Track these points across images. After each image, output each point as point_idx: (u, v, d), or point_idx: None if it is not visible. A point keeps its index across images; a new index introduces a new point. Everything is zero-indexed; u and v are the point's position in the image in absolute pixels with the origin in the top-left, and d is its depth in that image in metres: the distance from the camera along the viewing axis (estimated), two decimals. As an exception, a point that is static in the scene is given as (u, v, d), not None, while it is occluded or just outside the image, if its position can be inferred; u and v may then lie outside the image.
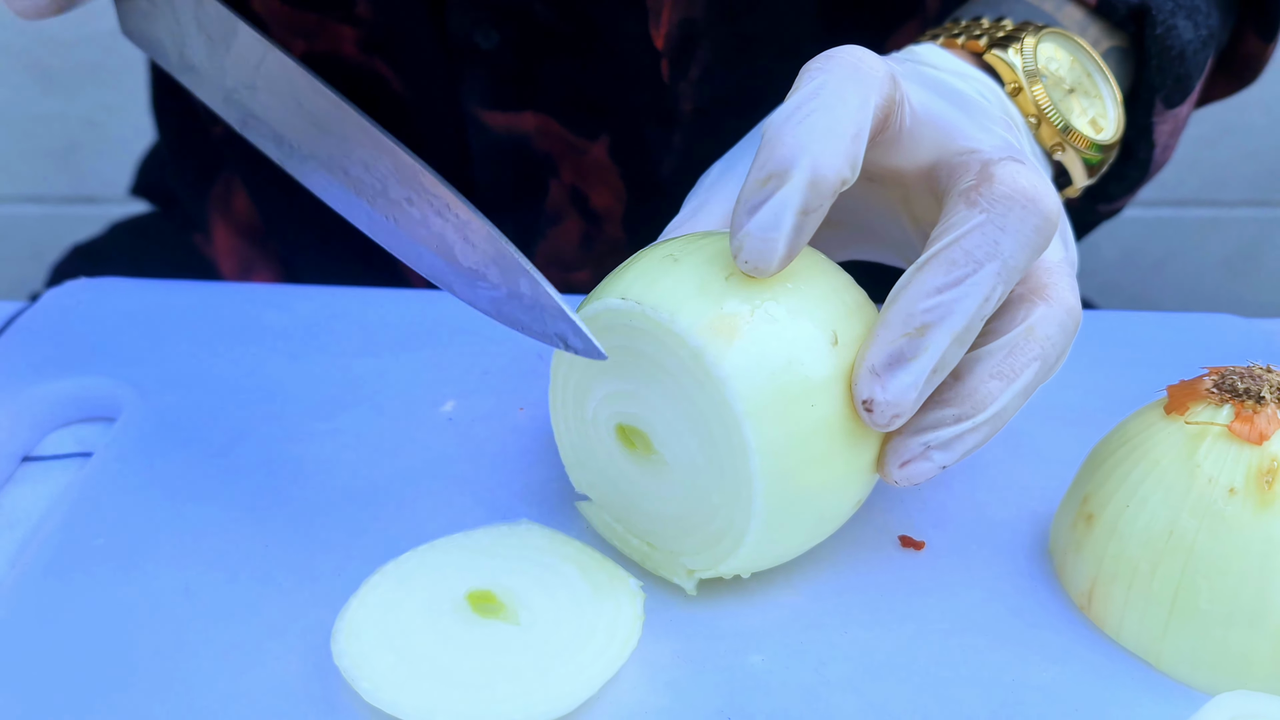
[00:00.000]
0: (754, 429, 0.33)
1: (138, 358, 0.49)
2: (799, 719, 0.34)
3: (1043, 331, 0.36)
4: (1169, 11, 0.51)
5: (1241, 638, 0.35)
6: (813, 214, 0.34)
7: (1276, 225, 1.44)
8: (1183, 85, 0.53)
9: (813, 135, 0.34)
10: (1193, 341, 0.54)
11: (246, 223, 0.73)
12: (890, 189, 0.41)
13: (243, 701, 0.34)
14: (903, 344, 0.34)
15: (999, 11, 0.51)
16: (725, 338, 0.33)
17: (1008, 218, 0.35)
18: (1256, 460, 0.35)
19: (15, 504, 0.43)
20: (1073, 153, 0.47)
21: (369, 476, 0.43)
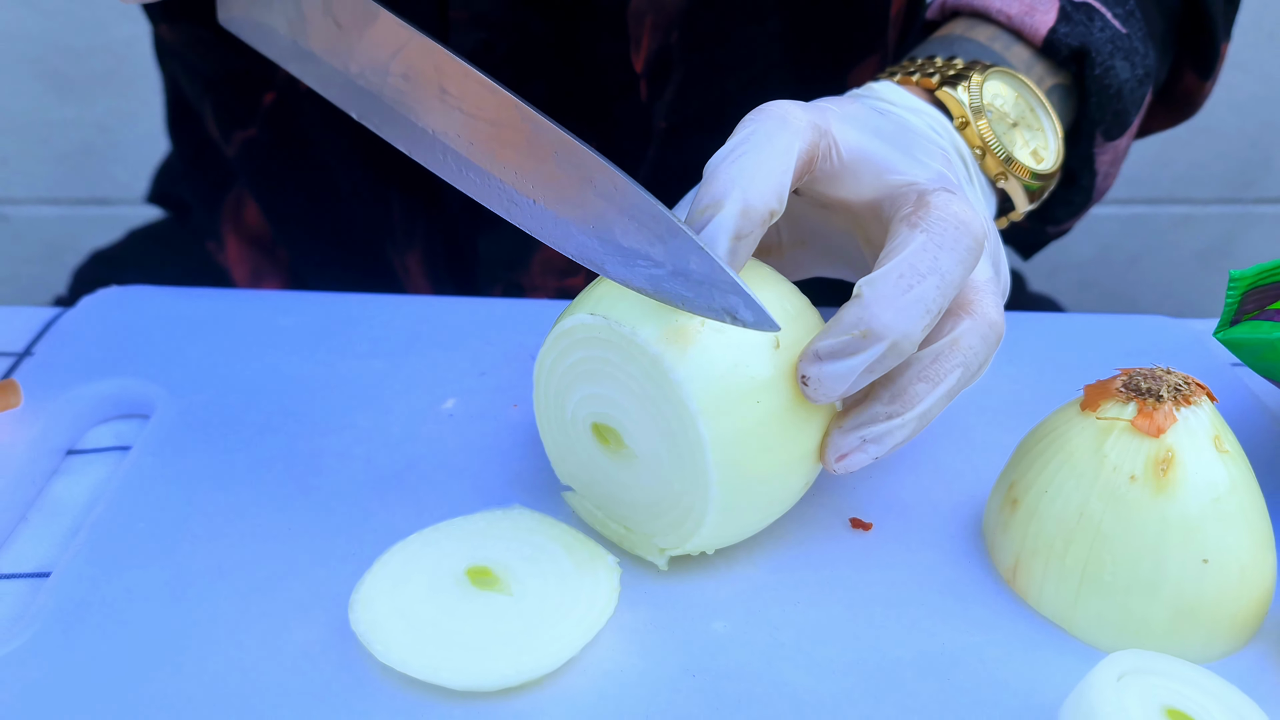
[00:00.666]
0: (707, 425, 0.38)
1: (167, 360, 0.54)
2: (755, 677, 0.39)
3: (966, 342, 0.41)
4: (1107, 53, 0.56)
5: (1140, 605, 0.40)
6: (746, 238, 0.38)
7: (1247, 221, 1.48)
8: (1121, 120, 0.58)
9: (743, 173, 0.39)
10: (1125, 341, 0.58)
11: (256, 233, 0.78)
12: (843, 216, 0.45)
13: (273, 664, 0.39)
14: (847, 340, 0.39)
15: (952, 51, 0.56)
16: (679, 346, 0.38)
17: (944, 237, 0.40)
18: (1154, 451, 0.40)
19: (62, 493, 0.48)
20: (1015, 181, 0.52)
21: (379, 467, 0.48)
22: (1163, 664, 0.37)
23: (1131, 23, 0.57)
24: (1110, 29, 0.56)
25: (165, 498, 0.46)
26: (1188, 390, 0.41)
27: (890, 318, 0.38)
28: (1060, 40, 0.55)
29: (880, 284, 0.39)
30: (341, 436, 0.50)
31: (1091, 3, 0.56)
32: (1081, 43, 0.56)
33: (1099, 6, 0.56)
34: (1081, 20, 0.56)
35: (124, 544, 0.44)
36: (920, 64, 0.54)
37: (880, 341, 0.38)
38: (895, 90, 0.52)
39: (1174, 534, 0.39)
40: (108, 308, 0.59)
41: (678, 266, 0.38)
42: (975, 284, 0.42)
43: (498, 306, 0.59)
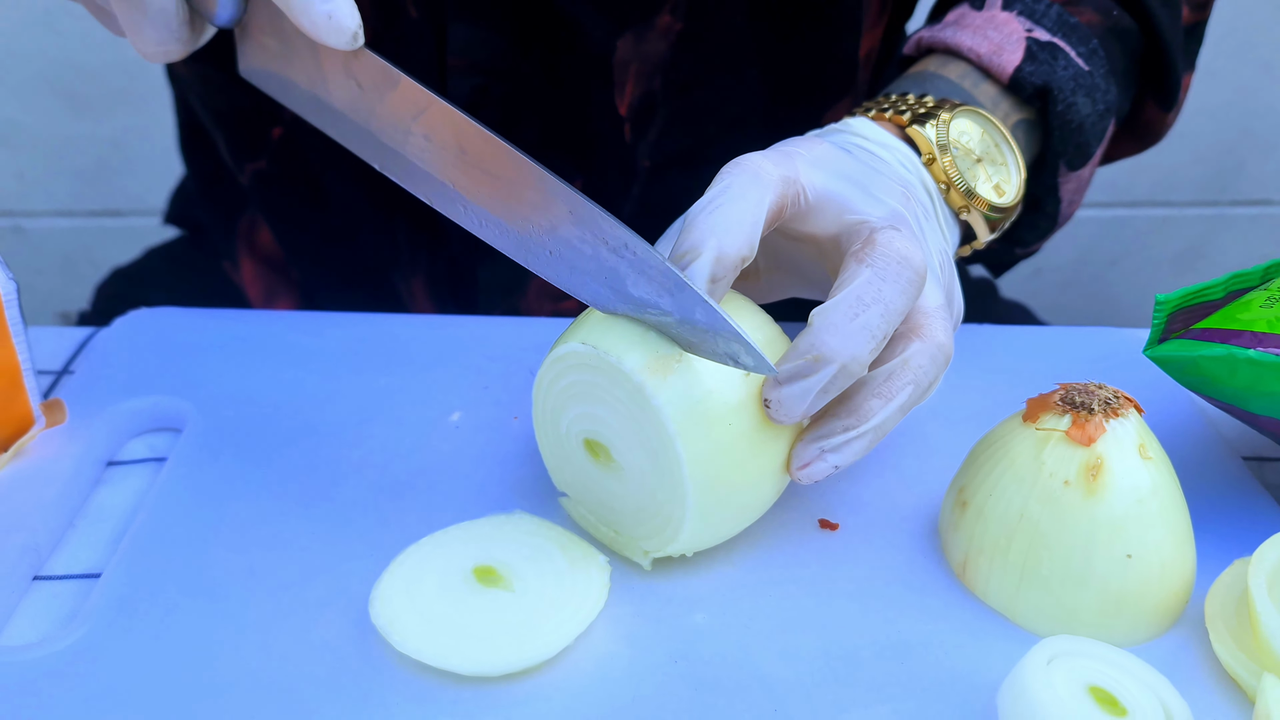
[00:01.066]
0: (684, 445, 0.42)
1: (196, 378, 0.59)
2: (731, 663, 0.44)
3: (916, 363, 0.46)
4: (1070, 90, 0.60)
5: (1071, 596, 0.45)
6: (720, 281, 0.43)
7: (1222, 223, 1.53)
8: (1083, 152, 0.62)
9: (719, 224, 0.43)
10: (1079, 351, 0.63)
11: (269, 254, 0.82)
12: (811, 247, 0.50)
13: (301, 653, 0.44)
14: (802, 365, 0.44)
15: (924, 88, 0.60)
16: (660, 375, 0.42)
17: (887, 271, 0.45)
18: (1085, 459, 0.45)
19: (105, 501, 0.53)
20: (976, 213, 0.56)
21: (392, 475, 0.53)
22: (1088, 647, 0.42)
23: (1094, 60, 0.62)
24: (1073, 67, 0.61)
25: (199, 505, 0.51)
26: (1117, 404, 0.46)
27: (838, 343, 0.43)
28: (1025, 79, 0.60)
29: (830, 314, 0.44)
30: (357, 448, 0.54)
31: (1056, 42, 0.61)
32: (1045, 81, 0.60)
33: (1063, 45, 0.61)
34: (1046, 59, 0.60)
35: (165, 547, 0.48)
36: (894, 100, 0.58)
37: (830, 364, 0.43)
38: (870, 126, 0.56)
39: (1102, 533, 0.44)
40: (138, 328, 0.63)
41: (685, 316, 0.42)
42: (926, 310, 0.47)
43: (499, 325, 0.64)
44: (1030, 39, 0.61)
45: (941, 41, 0.62)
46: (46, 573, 0.49)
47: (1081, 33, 0.62)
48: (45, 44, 1.34)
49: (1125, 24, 0.64)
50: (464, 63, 0.66)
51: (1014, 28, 0.61)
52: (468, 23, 0.66)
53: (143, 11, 0.47)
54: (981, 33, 0.61)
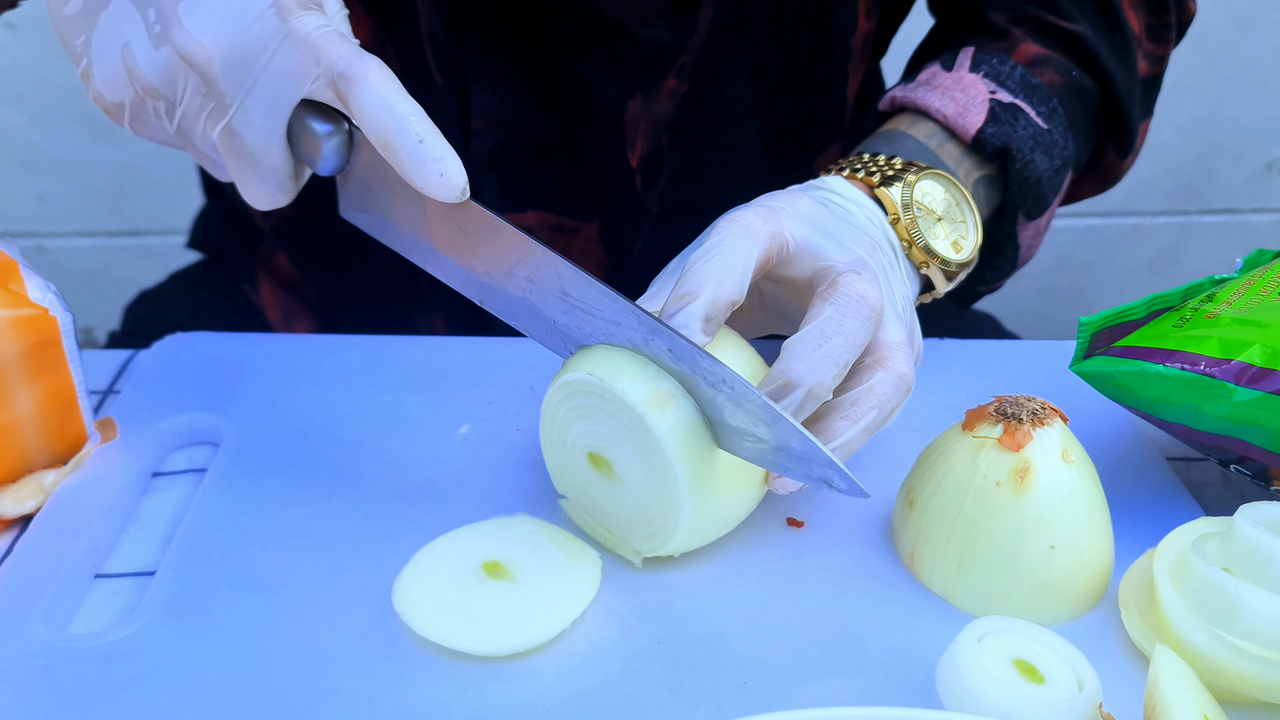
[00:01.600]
0: (681, 468, 0.49)
1: (230, 396, 0.66)
2: (708, 642, 0.50)
3: (880, 390, 0.52)
4: (1028, 149, 0.67)
5: (1003, 582, 0.51)
6: (713, 320, 0.50)
7: (1192, 231, 1.59)
8: (1040, 203, 0.68)
9: (714, 272, 0.50)
10: (1024, 364, 0.70)
11: (287, 279, 0.89)
12: (790, 289, 0.57)
13: (333, 639, 0.50)
14: (774, 389, 0.50)
15: (893, 149, 0.66)
16: (660, 408, 0.49)
17: (847, 309, 0.51)
18: (1015, 463, 0.51)
19: (152, 507, 0.60)
20: (935, 267, 0.63)
21: (408, 482, 0.59)
22: (1013, 625, 0.48)
23: (1054, 119, 0.68)
24: (1033, 126, 0.67)
25: (238, 510, 0.57)
26: (1044, 414, 0.52)
27: (805, 369, 0.50)
28: (987, 140, 0.66)
29: (797, 345, 0.50)
30: (376, 458, 0.61)
31: (1018, 103, 0.67)
32: (1004, 142, 0.66)
33: (1025, 106, 0.67)
34: (1008, 120, 0.67)
35: (209, 547, 0.55)
36: (865, 161, 0.64)
37: (799, 388, 0.50)
38: (844, 185, 0.62)
39: (1028, 527, 0.50)
40: (174, 351, 0.70)
41: (781, 444, 0.48)
42: (890, 344, 0.53)
43: (502, 346, 0.71)
44: (994, 101, 0.67)
45: (913, 102, 0.68)
46: (106, 571, 0.55)
47: (1043, 93, 0.68)
48: (66, 73, 1.41)
49: (1084, 83, 0.70)
50: (485, 123, 0.73)
51: (979, 90, 0.67)
52: (488, 87, 0.72)
53: (255, 168, 0.52)
54: (949, 94, 0.67)
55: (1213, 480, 0.63)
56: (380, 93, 0.49)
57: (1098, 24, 0.72)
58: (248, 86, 0.50)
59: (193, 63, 0.50)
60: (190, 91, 0.51)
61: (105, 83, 0.52)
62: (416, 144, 0.48)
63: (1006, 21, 0.72)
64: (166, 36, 0.50)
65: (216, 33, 0.49)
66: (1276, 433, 0.52)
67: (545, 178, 0.75)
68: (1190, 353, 0.53)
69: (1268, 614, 0.45)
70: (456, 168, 0.49)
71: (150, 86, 0.51)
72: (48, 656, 0.49)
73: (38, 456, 0.59)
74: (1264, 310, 0.55)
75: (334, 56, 0.49)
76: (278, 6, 0.49)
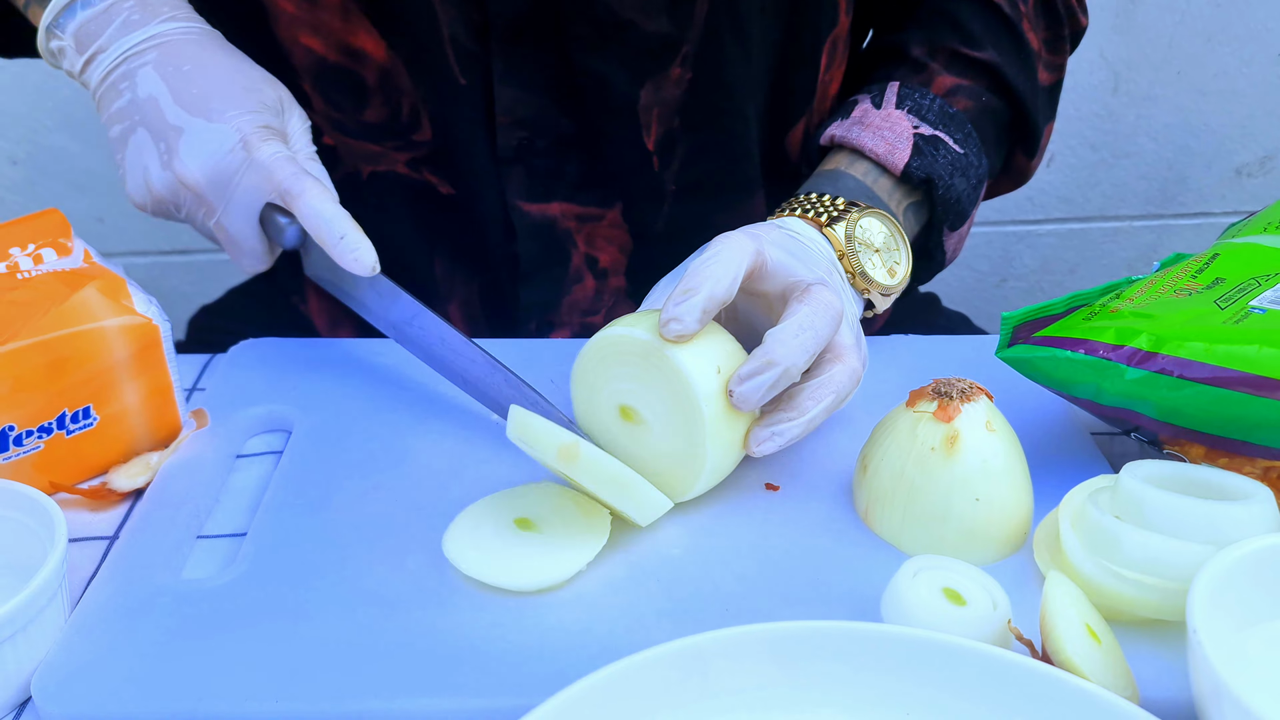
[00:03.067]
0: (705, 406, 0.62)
1: (298, 391, 0.78)
2: (697, 580, 0.62)
3: (838, 379, 0.64)
4: (948, 175, 0.79)
5: (938, 530, 0.62)
6: (707, 313, 0.62)
7: (1168, 233, 1.69)
8: (960, 217, 0.82)
9: (711, 274, 0.62)
10: (975, 354, 0.81)
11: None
12: (763, 301, 0.68)
13: (395, 579, 0.61)
14: (757, 366, 0.62)
15: (836, 188, 0.79)
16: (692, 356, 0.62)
17: (817, 309, 0.63)
18: (946, 432, 0.62)
19: (238, 483, 0.71)
20: (875, 292, 0.75)
21: (452, 458, 0.71)
22: (943, 562, 0.60)
23: (969, 144, 0.81)
24: (951, 154, 0.79)
25: (311, 483, 0.69)
26: (971, 392, 0.64)
27: (784, 352, 0.62)
28: (913, 172, 0.79)
29: (779, 333, 0.62)
30: (423, 439, 0.73)
31: (938, 134, 0.80)
32: (928, 173, 0.79)
33: (943, 136, 0.80)
34: (929, 151, 0.79)
35: (288, 514, 0.67)
36: (814, 201, 0.77)
37: (777, 367, 0.61)
38: (800, 224, 0.75)
39: (957, 484, 0.62)
40: (247, 354, 0.82)
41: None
42: (844, 346, 0.66)
43: (529, 346, 0.82)
44: (917, 135, 0.80)
45: (849, 141, 0.81)
46: (206, 533, 0.67)
47: (959, 120, 0.81)
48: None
49: (994, 104, 0.84)
50: (510, 120, 0.84)
51: (904, 126, 0.80)
52: (513, 87, 0.83)
53: (239, 249, 0.77)
54: (879, 133, 0.80)
55: (1131, 452, 0.74)
56: (313, 203, 0.72)
57: (1004, 47, 0.85)
58: (227, 198, 0.74)
59: (186, 184, 0.73)
60: (188, 200, 0.75)
61: (133, 188, 0.76)
62: (339, 239, 0.72)
63: (925, 55, 0.85)
64: (170, 164, 0.73)
65: (203, 162, 0.73)
66: (1161, 405, 0.63)
67: (568, 170, 0.86)
68: (1093, 340, 0.65)
69: (1140, 547, 0.56)
70: (368, 253, 0.72)
71: (161, 196, 0.75)
72: (169, 595, 0.61)
73: (143, 440, 0.71)
74: (1158, 305, 0.67)
75: (280, 178, 0.73)
76: (245, 143, 0.73)
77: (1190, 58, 1.58)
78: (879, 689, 0.52)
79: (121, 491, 0.69)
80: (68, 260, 0.71)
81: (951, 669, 0.51)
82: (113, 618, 0.59)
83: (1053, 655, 0.52)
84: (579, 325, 0.92)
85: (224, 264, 1.53)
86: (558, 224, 0.88)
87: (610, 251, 0.90)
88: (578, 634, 0.58)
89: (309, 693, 0.55)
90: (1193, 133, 1.63)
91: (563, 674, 0.53)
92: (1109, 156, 1.65)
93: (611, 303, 0.92)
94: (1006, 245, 1.69)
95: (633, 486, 0.61)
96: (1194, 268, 0.71)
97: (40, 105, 1.52)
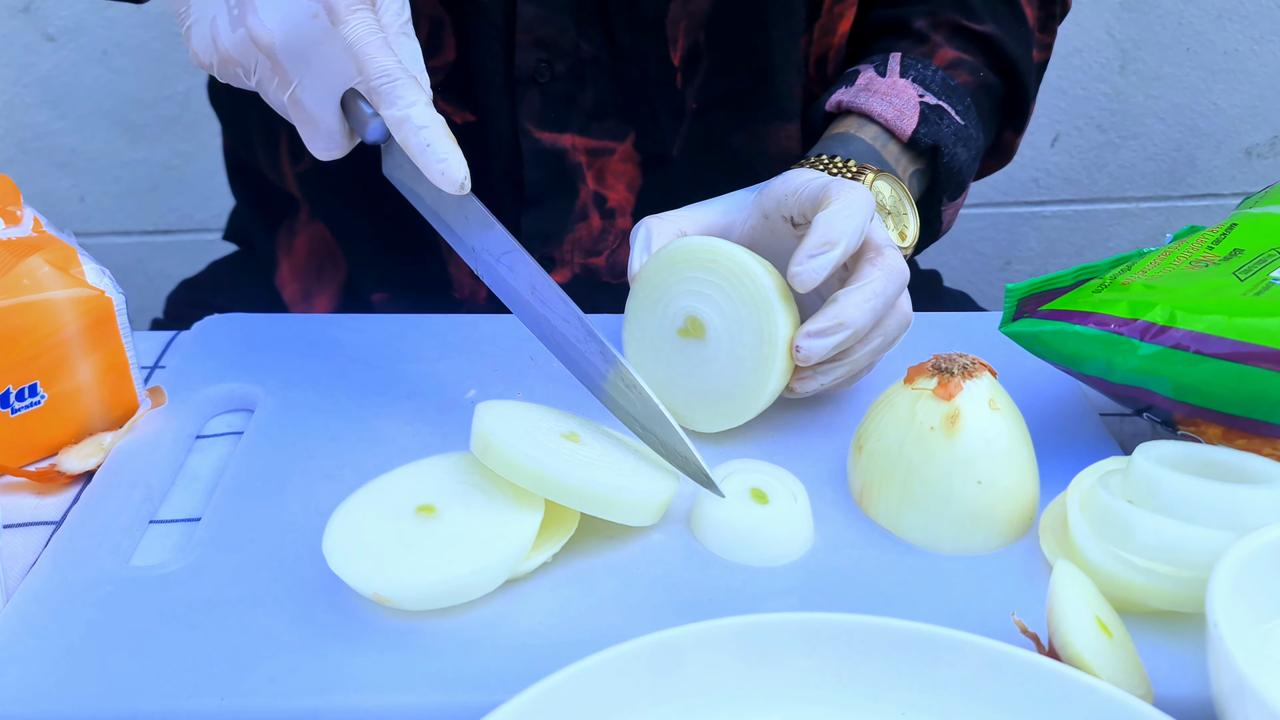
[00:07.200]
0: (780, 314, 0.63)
1: (263, 368, 0.74)
2: (678, 569, 0.58)
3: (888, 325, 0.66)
4: (951, 144, 0.78)
5: (937, 513, 0.58)
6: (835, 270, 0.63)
7: (1175, 215, 1.65)
8: (960, 187, 0.81)
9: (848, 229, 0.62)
10: (980, 330, 0.77)
11: (303, 264, 0.97)
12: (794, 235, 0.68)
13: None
14: (828, 326, 0.62)
15: (848, 150, 0.77)
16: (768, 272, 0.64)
17: (890, 275, 0.63)
18: (947, 410, 0.59)
19: (196, 465, 0.68)
20: None
21: (424, 439, 0.67)
22: (752, 465, 0.61)
23: (969, 116, 0.79)
24: (954, 124, 0.78)
25: (271, 466, 0.65)
26: (973, 368, 0.60)
27: (855, 315, 0.63)
28: (920, 139, 0.78)
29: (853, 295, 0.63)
30: (393, 419, 0.69)
31: (942, 104, 0.79)
32: (935, 140, 0.78)
33: (946, 106, 0.79)
34: (935, 120, 0.78)
35: (246, 497, 0.63)
36: (827, 162, 0.75)
37: (849, 329, 0.63)
38: None
39: (958, 466, 0.58)
40: (212, 330, 0.78)
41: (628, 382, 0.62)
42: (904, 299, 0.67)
43: (504, 322, 0.78)
44: (923, 103, 0.78)
45: (857, 106, 0.80)
46: (159, 518, 0.63)
47: (960, 93, 0.80)
48: (103, 79, 1.50)
49: (990, 80, 0.83)
50: (529, 39, 0.81)
51: (910, 95, 0.79)
52: (534, 3, 0.81)
53: (315, 129, 0.64)
54: (887, 99, 0.79)
55: (1142, 432, 0.70)
56: (404, 109, 0.60)
57: (1004, 20, 0.85)
58: (303, 70, 0.61)
59: (259, 46, 0.61)
60: (260, 65, 0.62)
61: (199, 45, 0.63)
62: (425, 147, 0.60)
63: (927, 27, 0.83)
64: (242, 20, 0.61)
65: (280, 23, 0.60)
66: (1176, 382, 0.59)
67: (583, 96, 0.84)
68: (1103, 314, 0.61)
69: (1153, 533, 0.52)
70: (458, 166, 0.60)
71: (230, 57, 0.62)
72: (114, 584, 0.57)
73: (97, 420, 0.67)
74: (1173, 277, 0.63)
75: (372, 71, 0.60)
76: (328, 8, 0.60)
77: (1200, 36, 1.54)
78: (873, 686, 0.48)
79: (71, 474, 0.65)
80: (15, 229, 0.67)
81: (951, 665, 0.48)
82: (50, 607, 0.55)
83: (1060, 650, 0.48)
84: (579, 267, 0.89)
85: (210, 244, 1.50)
86: (568, 156, 0.86)
87: (619, 190, 0.88)
88: (549, 626, 0.54)
89: (257, 689, 0.51)
90: (1202, 113, 1.59)
91: (529, 669, 0.50)
92: (1116, 137, 1.61)
93: (615, 244, 0.89)
94: (1011, 227, 1.66)
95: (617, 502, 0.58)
96: (1210, 238, 0.66)
97: (20, 80, 1.49)
